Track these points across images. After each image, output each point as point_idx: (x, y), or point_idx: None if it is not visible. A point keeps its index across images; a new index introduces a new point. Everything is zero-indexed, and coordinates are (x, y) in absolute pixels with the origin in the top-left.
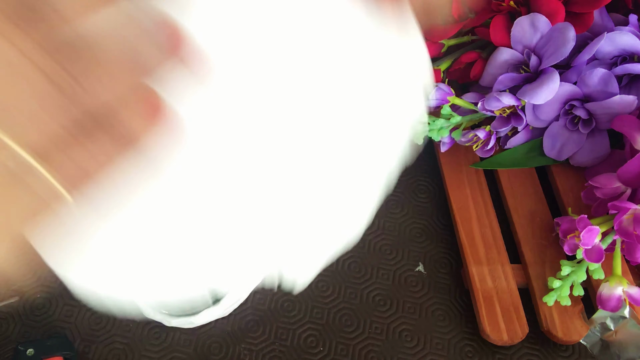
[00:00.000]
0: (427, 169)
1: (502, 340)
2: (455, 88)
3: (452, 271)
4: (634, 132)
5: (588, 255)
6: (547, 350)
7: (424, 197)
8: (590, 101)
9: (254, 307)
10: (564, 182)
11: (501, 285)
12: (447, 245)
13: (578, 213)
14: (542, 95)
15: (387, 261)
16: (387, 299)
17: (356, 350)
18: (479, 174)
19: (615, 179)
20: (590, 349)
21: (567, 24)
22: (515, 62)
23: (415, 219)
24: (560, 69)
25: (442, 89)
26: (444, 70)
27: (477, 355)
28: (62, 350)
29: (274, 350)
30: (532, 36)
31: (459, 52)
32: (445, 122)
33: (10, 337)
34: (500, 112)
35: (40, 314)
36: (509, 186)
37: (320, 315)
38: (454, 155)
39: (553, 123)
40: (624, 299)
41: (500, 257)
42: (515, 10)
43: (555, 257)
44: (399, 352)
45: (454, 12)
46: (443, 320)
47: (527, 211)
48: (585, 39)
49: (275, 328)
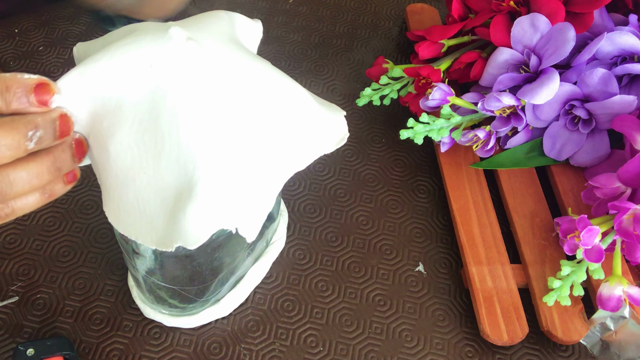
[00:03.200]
0: (427, 169)
1: (502, 340)
2: (455, 88)
3: (452, 271)
4: (634, 132)
5: (588, 255)
6: (547, 350)
7: (424, 197)
8: (590, 101)
9: (254, 307)
10: (564, 182)
11: (501, 285)
12: (447, 245)
13: (578, 213)
14: (542, 95)
15: (387, 261)
16: (387, 299)
17: (356, 350)
18: (479, 174)
19: (615, 179)
20: (590, 349)
21: (567, 24)
22: (515, 62)
23: (415, 219)
24: (560, 69)
25: (442, 89)
26: (444, 70)
27: (477, 355)
28: (62, 350)
29: (274, 350)
30: (532, 36)
31: (459, 52)
32: (445, 122)
33: (10, 337)
34: (500, 112)
35: (40, 314)
36: (509, 186)
37: (320, 315)
38: (454, 155)
39: (553, 123)
40: (624, 299)
41: (500, 257)
42: (515, 10)
43: (555, 257)
44: (399, 352)
45: (454, 12)
46: (443, 320)
47: (527, 211)
48: (585, 39)
49: (275, 328)
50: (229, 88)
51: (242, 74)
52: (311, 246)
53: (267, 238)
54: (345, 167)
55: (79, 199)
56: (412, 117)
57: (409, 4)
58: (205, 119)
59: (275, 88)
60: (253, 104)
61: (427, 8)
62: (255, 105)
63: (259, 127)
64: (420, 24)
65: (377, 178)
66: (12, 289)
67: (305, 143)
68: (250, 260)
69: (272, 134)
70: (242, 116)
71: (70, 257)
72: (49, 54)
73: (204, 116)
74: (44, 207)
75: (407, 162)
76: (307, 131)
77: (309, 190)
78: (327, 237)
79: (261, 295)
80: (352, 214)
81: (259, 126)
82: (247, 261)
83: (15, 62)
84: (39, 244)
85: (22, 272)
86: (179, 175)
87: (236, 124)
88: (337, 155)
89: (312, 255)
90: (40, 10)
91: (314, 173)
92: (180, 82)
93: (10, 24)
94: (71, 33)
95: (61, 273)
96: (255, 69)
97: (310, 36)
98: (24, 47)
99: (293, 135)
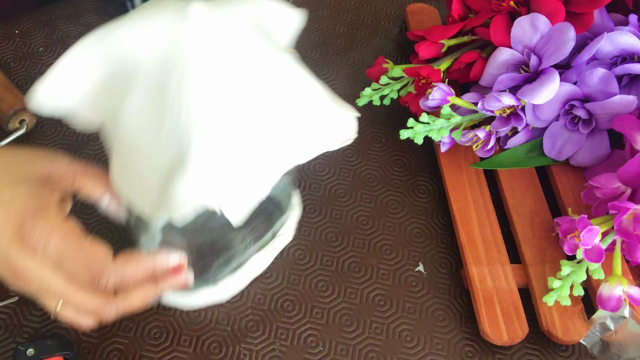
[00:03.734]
0: (427, 169)
1: (502, 340)
2: (455, 88)
3: (452, 271)
4: (634, 132)
5: (588, 255)
6: (547, 350)
7: (424, 197)
8: (590, 101)
9: (254, 307)
10: (564, 182)
11: (501, 285)
12: (447, 245)
13: (578, 213)
14: (542, 95)
15: (387, 261)
16: (387, 299)
17: (356, 350)
18: (479, 174)
19: (615, 179)
20: (590, 349)
21: (567, 24)
22: (515, 62)
23: (415, 219)
24: (560, 69)
25: (442, 89)
26: (444, 70)
27: (477, 355)
28: (62, 350)
29: (274, 350)
30: (532, 36)
31: (459, 52)
32: (445, 122)
33: (10, 337)
34: (500, 112)
35: (40, 314)
36: (509, 186)
37: (320, 315)
38: (454, 155)
39: (553, 123)
40: (624, 299)
41: (500, 257)
42: (515, 10)
43: (555, 257)
44: (399, 352)
45: (454, 12)
46: (443, 320)
47: (527, 211)
48: (585, 39)
49: (275, 328)
50: (239, 70)
51: (255, 58)
52: (311, 246)
53: (274, 229)
54: (345, 167)
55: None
56: (412, 117)
57: (409, 4)
58: (208, 97)
59: (288, 77)
60: (261, 90)
61: (427, 8)
62: (263, 91)
63: (265, 113)
64: (420, 24)
65: (377, 178)
66: (12, 289)
67: (311, 137)
68: (254, 248)
69: (278, 123)
70: (247, 100)
71: None
72: (49, 54)
73: (208, 94)
74: None
75: (407, 162)
76: (315, 125)
77: (309, 190)
78: (327, 237)
79: (261, 295)
80: (352, 214)
81: (264, 112)
82: (251, 249)
83: (15, 63)
84: None
85: None
86: (176, 148)
87: (240, 106)
88: (337, 155)
89: (312, 255)
90: (41, 10)
91: (314, 173)
92: (191, 57)
93: (11, 24)
94: (71, 33)
95: None
96: (270, 55)
97: (310, 36)
98: (24, 48)
99: (300, 126)
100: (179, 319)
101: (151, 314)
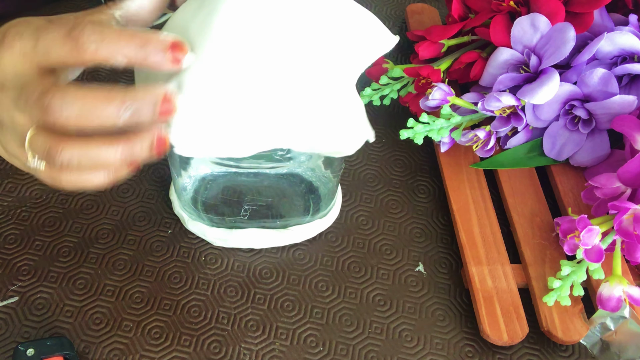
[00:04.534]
0: (427, 169)
1: (502, 340)
2: (455, 88)
3: (452, 271)
4: (634, 132)
5: (588, 255)
6: (547, 350)
7: (424, 197)
8: (590, 101)
9: (254, 307)
10: (564, 182)
11: (501, 285)
12: (447, 245)
13: (578, 213)
14: (542, 95)
15: (387, 261)
16: (387, 299)
17: (356, 350)
18: (479, 174)
19: (615, 179)
20: (590, 349)
21: (567, 24)
22: (515, 62)
23: (415, 219)
24: (560, 69)
25: (442, 89)
26: (444, 70)
27: (477, 355)
28: (62, 350)
29: (274, 350)
30: (532, 36)
31: (459, 52)
32: (445, 122)
33: (10, 337)
34: (500, 112)
35: (40, 314)
36: (509, 186)
37: (320, 315)
38: (454, 155)
39: (553, 123)
40: (624, 299)
41: (500, 257)
42: (515, 10)
43: (555, 257)
44: (399, 352)
45: (454, 12)
46: (443, 320)
47: (527, 211)
48: (585, 39)
49: (275, 328)
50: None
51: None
52: (311, 246)
53: (286, 220)
54: (345, 167)
55: (79, 199)
56: (412, 117)
57: (409, 4)
58: (236, 26)
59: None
60: (300, 40)
61: (427, 8)
62: (300, 40)
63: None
64: (420, 24)
65: (377, 178)
66: (12, 289)
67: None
68: (254, 223)
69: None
70: (281, 41)
71: (70, 257)
72: None
73: (238, 23)
74: (44, 207)
75: (407, 162)
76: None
77: None
78: (327, 237)
79: (261, 295)
80: (352, 214)
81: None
82: (250, 221)
83: None
84: (39, 244)
85: (22, 272)
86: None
87: (271, 44)
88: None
89: (312, 255)
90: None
91: None
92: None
93: None
94: None
95: (61, 273)
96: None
97: None
98: None
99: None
100: (179, 319)
101: (151, 314)
